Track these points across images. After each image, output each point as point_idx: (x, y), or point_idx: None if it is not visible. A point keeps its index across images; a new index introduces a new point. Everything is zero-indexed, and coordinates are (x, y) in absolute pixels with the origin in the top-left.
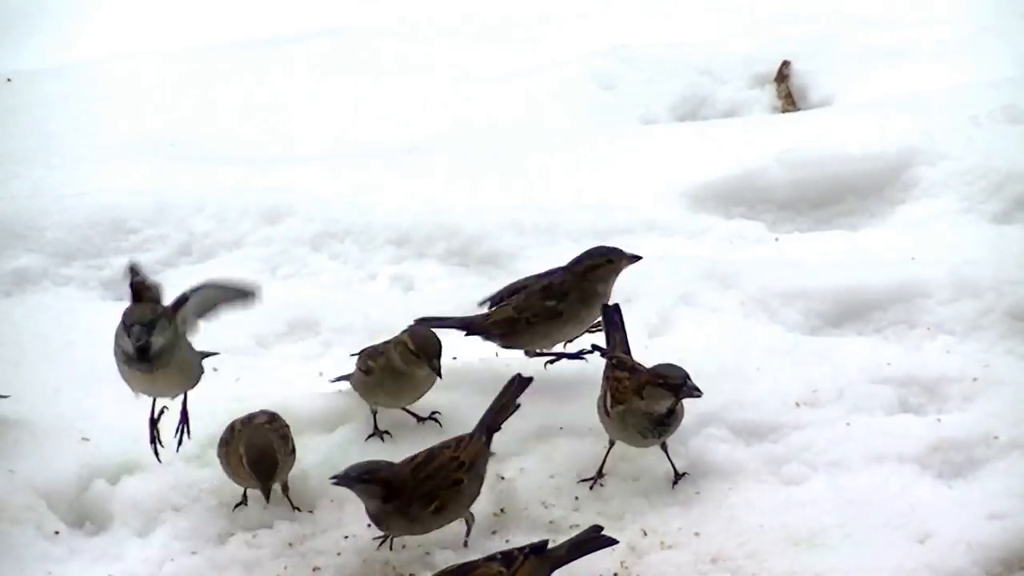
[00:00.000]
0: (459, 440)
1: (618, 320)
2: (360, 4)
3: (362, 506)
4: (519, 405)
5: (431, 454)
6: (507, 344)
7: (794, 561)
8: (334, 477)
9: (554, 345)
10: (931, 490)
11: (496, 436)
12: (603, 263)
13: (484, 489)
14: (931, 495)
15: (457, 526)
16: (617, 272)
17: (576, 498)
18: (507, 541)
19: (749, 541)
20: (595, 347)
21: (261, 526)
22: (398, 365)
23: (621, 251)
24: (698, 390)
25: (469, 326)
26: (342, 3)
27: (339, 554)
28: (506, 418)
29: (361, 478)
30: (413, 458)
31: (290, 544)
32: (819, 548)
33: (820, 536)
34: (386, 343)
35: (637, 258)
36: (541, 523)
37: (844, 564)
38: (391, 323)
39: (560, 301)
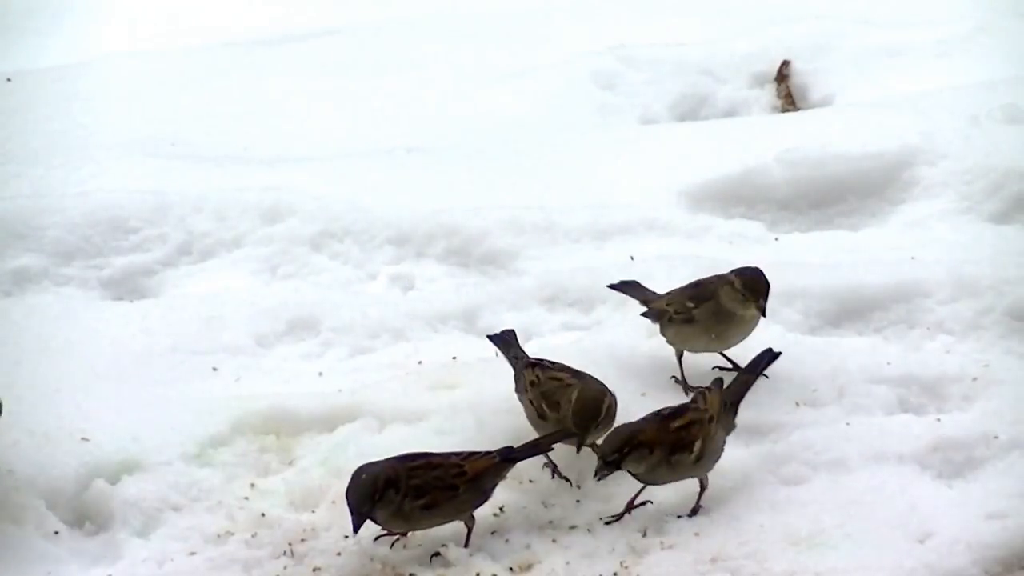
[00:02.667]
0: (473, 453)
1: (762, 366)
2: (360, 4)
3: None
4: (551, 449)
5: (431, 455)
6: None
7: (794, 561)
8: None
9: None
10: (931, 490)
11: (496, 435)
12: (738, 286)
13: None
14: (931, 495)
15: (457, 526)
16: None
17: (577, 501)
18: (507, 541)
19: (749, 541)
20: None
21: (261, 526)
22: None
23: (759, 296)
24: (602, 472)
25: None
26: (342, 3)
27: (339, 554)
28: (533, 455)
29: (364, 503)
30: (408, 457)
31: (290, 544)
32: (819, 548)
33: (820, 536)
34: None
35: (760, 314)
36: (541, 522)
37: (844, 564)
38: (390, 323)
39: (697, 306)
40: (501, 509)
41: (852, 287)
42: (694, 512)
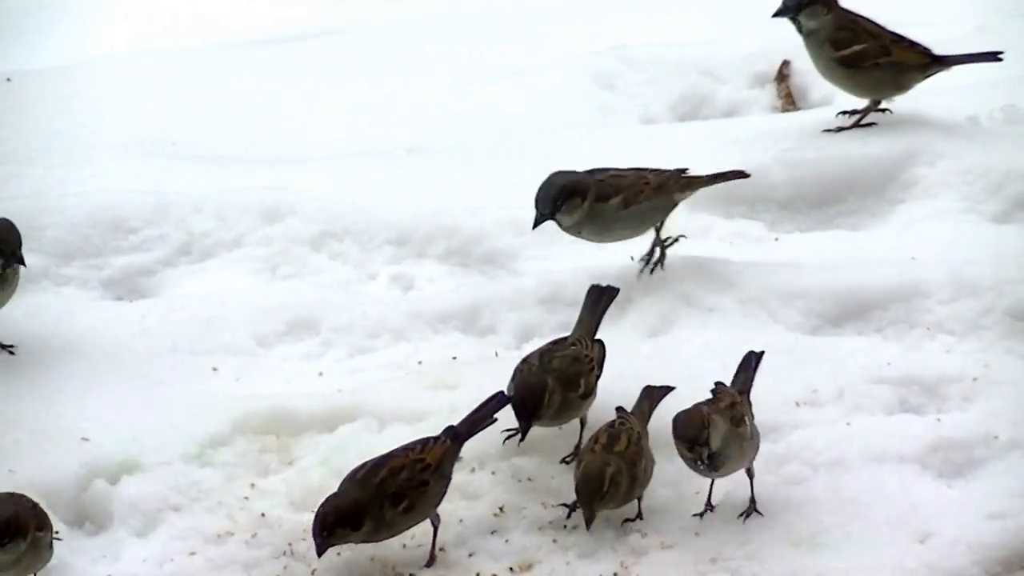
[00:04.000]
0: (424, 442)
1: (753, 366)
2: (360, 4)
3: None
4: (495, 420)
5: (388, 460)
6: None
7: (794, 561)
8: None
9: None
10: (931, 490)
11: (496, 435)
12: None
13: (483, 489)
14: (931, 495)
15: (456, 527)
16: None
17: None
18: (507, 541)
19: (749, 541)
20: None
21: (261, 526)
22: None
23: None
24: (709, 460)
25: None
26: (342, 3)
27: (339, 554)
28: (479, 430)
29: (327, 536)
30: (357, 472)
31: (290, 544)
32: (819, 548)
33: (820, 536)
34: None
35: None
36: (541, 523)
37: (844, 564)
38: (390, 322)
39: None
40: (501, 509)
41: (852, 287)
42: (752, 509)
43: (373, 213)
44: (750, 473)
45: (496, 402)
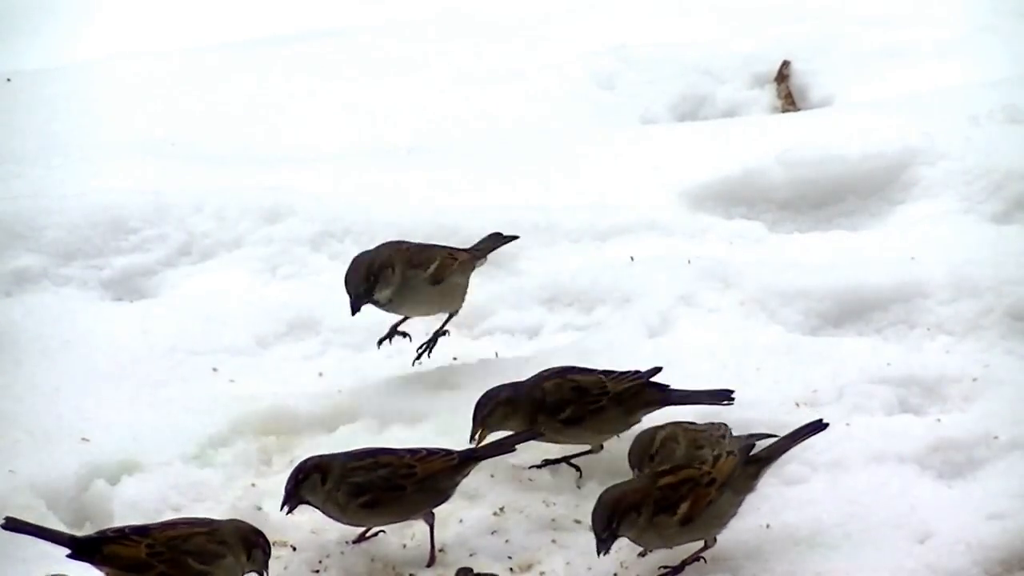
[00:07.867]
0: (433, 452)
1: (803, 435)
2: (360, 4)
3: None
4: (515, 450)
5: (383, 453)
6: None
7: (794, 561)
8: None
9: None
10: (931, 490)
11: (496, 435)
12: None
13: (484, 488)
14: (931, 495)
15: (456, 527)
16: None
17: (576, 505)
18: (507, 541)
19: (749, 541)
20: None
21: (261, 526)
22: None
23: None
24: (602, 548)
25: None
26: (342, 3)
27: (342, 553)
28: (496, 455)
29: (289, 482)
30: (356, 454)
31: (290, 544)
32: (819, 548)
33: (820, 536)
34: None
35: None
36: (542, 522)
37: (844, 564)
38: (391, 323)
39: None
40: (501, 509)
41: (852, 287)
42: (679, 568)
43: (373, 213)
44: (706, 543)
45: (522, 435)
